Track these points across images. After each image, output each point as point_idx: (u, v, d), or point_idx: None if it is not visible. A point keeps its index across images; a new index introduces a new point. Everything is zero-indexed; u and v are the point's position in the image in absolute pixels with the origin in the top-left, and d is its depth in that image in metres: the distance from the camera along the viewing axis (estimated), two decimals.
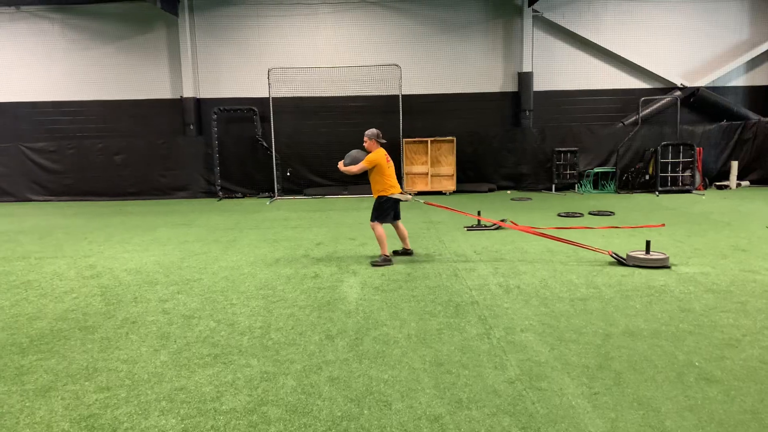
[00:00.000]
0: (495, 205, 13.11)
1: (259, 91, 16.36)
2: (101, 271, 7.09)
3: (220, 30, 16.60)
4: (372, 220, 7.26)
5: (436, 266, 6.90)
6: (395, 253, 7.60)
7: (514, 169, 16.76)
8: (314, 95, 16.68)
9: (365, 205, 13.94)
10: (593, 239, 8.44)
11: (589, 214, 11.31)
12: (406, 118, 16.02)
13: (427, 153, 16.08)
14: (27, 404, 3.50)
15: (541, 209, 12.32)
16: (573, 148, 16.15)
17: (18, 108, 16.69)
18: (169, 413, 3.33)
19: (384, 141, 7.26)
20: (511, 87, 16.97)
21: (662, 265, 6.65)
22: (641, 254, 6.78)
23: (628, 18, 16.69)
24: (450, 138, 16.02)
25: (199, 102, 16.74)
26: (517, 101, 16.86)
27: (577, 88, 17.03)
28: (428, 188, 16.11)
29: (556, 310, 5.10)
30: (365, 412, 3.29)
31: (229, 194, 16.41)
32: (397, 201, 7.27)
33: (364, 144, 7.22)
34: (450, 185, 16.08)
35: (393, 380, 3.70)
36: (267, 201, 15.35)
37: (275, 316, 5.14)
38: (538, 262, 6.99)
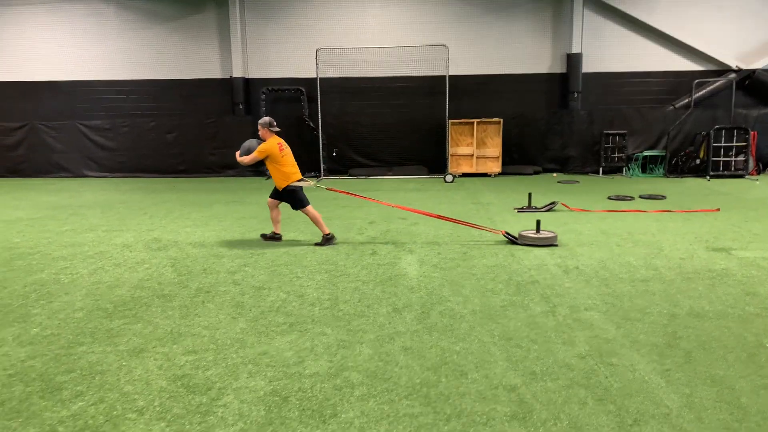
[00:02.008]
0: (542, 188, 13.05)
1: (307, 71, 16.51)
2: (167, 244, 7.39)
3: (269, 10, 16.77)
4: (299, 209, 7.35)
5: (491, 246, 6.98)
6: (263, 236, 7.59)
7: (560, 152, 16.61)
8: (360, 75, 16.75)
9: (411, 186, 14.06)
10: (647, 223, 8.39)
11: (640, 197, 11.20)
12: (452, 99, 15.99)
13: (472, 135, 16.04)
14: (124, 363, 3.75)
15: (591, 192, 12.23)
16: (622, 131, 15.90)
17: (75, 87, 17.22)
18: (256, 375, 3.54)
19: (278, 129, 7.29)
20: (559, 68, 16.74)
21: (550, 243, 6.90)
22: (532, 233, 7.03)
23: None
24: (496, 120, 15.93)
25: (247, 82, 17.00)
26: (565, 83, 16.63)
27: (627, 70, 16.68)
28: (473, 170, 16.09)
29: (617, 290, 5.15)
30: (443, 380, 3.43)
31: None
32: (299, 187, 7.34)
33: (259, 133, 7.31)
34: (495, 167, 16.04)
35: (465, 352, 3.84)
36: (313, 181, 15.56)
37: (341, 289, 5.32)
38: (593, 244, 7.00)
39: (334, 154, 16.69)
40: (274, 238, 7.54)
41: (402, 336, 4.13)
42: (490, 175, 16.02)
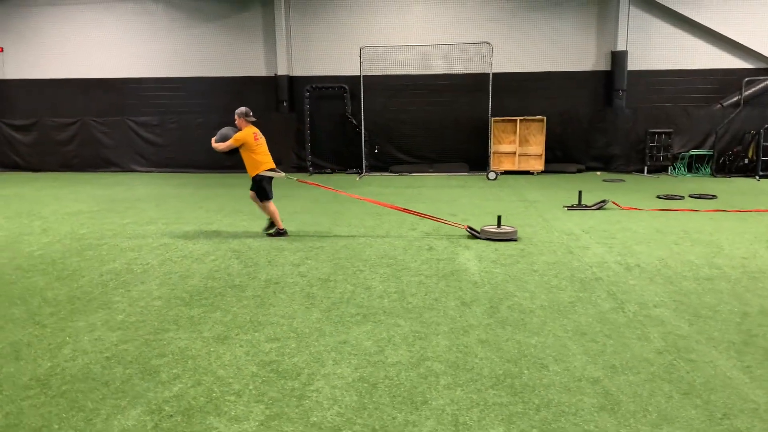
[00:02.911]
0: (588, 186, 12.95)
1: (350, 69, 16.67)
2: (227, 237, 7.60)
3: (313, 9, 16.97)
4: (262, 200, 7.60)
5: (547, 244, 7.01)
6: (267, 233, 7.74)
7: (604, 150, 16.44)
8: (403, 73, 16.82)
9: (455, 183, 14.10)
10: (701, 222, 8.31)
11: (690, 196, 11.06)
12: (495, 97, 15.95)
13: (515, 132, 16.00)
14: (212, 349, 3.92)
15: (638, 191, 12.11)
16: (667, 130, 15.69)
17: (125, 84, 17.68)
18: (341, 363, 3.67)
19: (254, 119, 7.58)
20: (604, 66, 16.57)
21: (510, 237, 7.20)
22: (493, 228, 7.38)
23: None
24: (540, 117, 15.86)
25: (292, 79, 17.23)
26: (610, 81, 16.45)
27: (674, 68, 16.41)
28: (516, 168, 16.05)
29: (683, 288, 5.15)
30: (525, 371, 3.51)
31: (319, 170, 16.90)
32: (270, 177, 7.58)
33: (235, 122, 7.57)
34: (538, 165, 15.97)
35: (541, 345, 3.91)
36: (356, 177, 15.74)
37: (405, 283, 5.43)
38: (651, 242, 6.98)
39: (376, 150, 16.81)
40: (279, 233, 7.68)
41: (475, 329, 4.22)
42: (532, 173, 15.96)
